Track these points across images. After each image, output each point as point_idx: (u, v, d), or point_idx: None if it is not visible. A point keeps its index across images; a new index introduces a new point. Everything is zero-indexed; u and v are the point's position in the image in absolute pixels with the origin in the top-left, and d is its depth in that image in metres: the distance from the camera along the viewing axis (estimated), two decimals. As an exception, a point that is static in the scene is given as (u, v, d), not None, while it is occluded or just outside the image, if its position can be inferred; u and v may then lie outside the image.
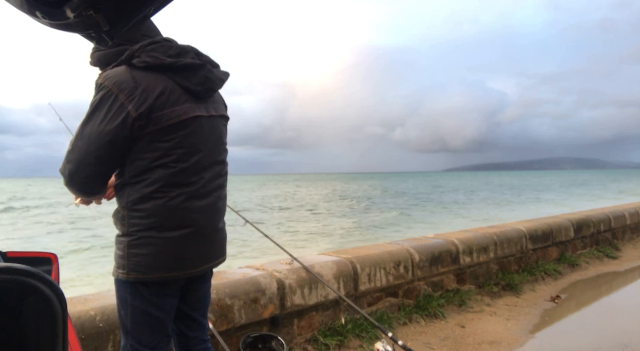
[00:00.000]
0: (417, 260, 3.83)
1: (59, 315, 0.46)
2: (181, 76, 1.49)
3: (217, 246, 1.63)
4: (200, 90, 1.52)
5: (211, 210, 1.57)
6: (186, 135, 1.48)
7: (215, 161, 1.59)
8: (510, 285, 4.47)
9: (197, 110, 1.52)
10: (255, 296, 2.74)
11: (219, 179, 1.62)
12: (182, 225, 1.48)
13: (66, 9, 0.70)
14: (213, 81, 1.57)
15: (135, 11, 0.77)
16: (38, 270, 0.45)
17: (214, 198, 1.59)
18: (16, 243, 14.18)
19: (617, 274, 5.44)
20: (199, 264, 1.56)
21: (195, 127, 1.51)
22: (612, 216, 6.77)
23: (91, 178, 1.47)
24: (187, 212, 1.49)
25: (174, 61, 1.47)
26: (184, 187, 1.48)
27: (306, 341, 3.02)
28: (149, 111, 1.41)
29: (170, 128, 1.45)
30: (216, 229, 1.61)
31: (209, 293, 1.78)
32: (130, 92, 1.39)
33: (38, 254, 1.58)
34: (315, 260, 3.31)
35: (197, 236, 1.52)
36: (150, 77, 1.44)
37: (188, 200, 1.49)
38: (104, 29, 0.78)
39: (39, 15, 0.71)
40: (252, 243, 12.31)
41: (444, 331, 3.44)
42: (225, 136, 1.68)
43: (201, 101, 1.55)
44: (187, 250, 1.51)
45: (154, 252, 1.45)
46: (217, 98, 1.67)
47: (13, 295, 0.44)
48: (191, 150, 1.49)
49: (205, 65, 1.55)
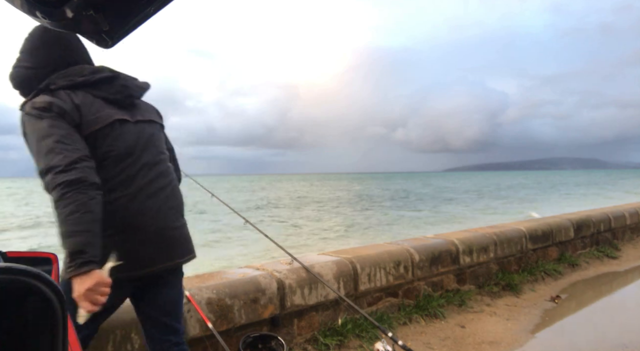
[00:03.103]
0: (417, 260, 3.83)
1: (59, 315, 0.46)
2: (98, 89, 1.58)
3: (168, 246, 1.62)
4: (120, 98, 1.60)
5: (154, 211, 1.58)
6: (115, 138, 1.55)
7: (150, 162, 1.63)
8: (510, 285, 4.46)
9: (120, 115, 1.59)
10: (255, 296, 2.74)
11: (159, 180, 1.64)
12: (121, 227, 1.51)
13: (66, 9, 0.69)
14: (131, 89, 1.65)
15: (136, 11, 0.76)
16: (38, 270, 0.45)
17: (156, 199, 1.60)
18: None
19: (617, 274, 5.43)
20: (143, 266, 1.55)
21: (122, 131, 1.57)
22: (612, 216, 6.77)
23: None
24: (125, 213, 1.52)
25: (88, 78, 1.56)
26: (119, 190, 1.52)
27: (306, 341, 3.02)
28: (80, 119, 1.49)
29: (99, 133, 1.52)
30: (165, 229, 1.61)
31: (178, 297, 1.78)
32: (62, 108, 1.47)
33: (38, 254, 1.58)
34: (315, 260, 3.31)
35: (136, 237, 1.53)
36: (70, 94, 1.52)
37: (126, 203, 1.52)
38: (104, 29, 0.78)
39: (39, 15, 0.71)
40: (252, 243, 12.32)
41: (444, 331, 3.44)
42: (159, 140, 1.73)
43: (125, 109, 1.62)
44: (127, 252, 1.49)
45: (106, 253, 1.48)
46: (145, 107, 1.75)
47: (13, 295, 0.44)
48: (120, 153, 1.55)
49: (120, 74, 1.64)
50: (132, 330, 2.18)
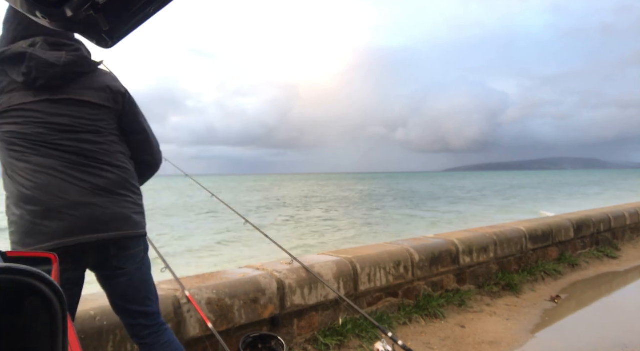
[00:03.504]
0: (417, 260, 3.83)
1: (59, 315, 0.46)
2: (10, 67, 1.56)
3: (82, 221, 1.58)
4: (25, 80, 1.55)
5: (57, 187, 1.57)
6: (16, 122, 1.56)
7: (57, 141, 1.60)
8: (510, 285, 4.46)
9: (23, 98, 1.57)
10: (255, 296, 2.74)
11: (74, 156, 1.61)
12: (28, 201, 1.55)
13: (66, 9, 0.70)
14: (38, 68, 1.55)
15: (136, 11, 0.76)
16: (38, 270, 0.45)
17: (67, 175, 1.59)
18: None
19: (617, 274, 5.43)
20: (50, 238, 1.54)
21: (25, 114, 1.57)
22: (612, 216, 6.77)
23: None
24: (30, 188, 1.55)
25: (3, 51, 1.56)
26: (23, 166, 1.56)
27: (306, 342, 3.02)
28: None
29: (2, 116, 1.57)
30: (78, 205, 1.58)
31: (138, 282, 1.74)
32: None
33: (38, 254, 1.58)
34: (315, 260, 3.31)
35: (43, 211, 1.54)
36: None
37: (29, 179, 1.55)
38: (104, 29, 0.78)
39: (39, 15, 0.71)
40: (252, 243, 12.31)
41: (444, 331, 3.44)
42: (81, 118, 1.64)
43: (37, 88, 1.57)
44: (37, 226, 1.54)
45: (14, 230, 1.56)
46: (80, 83, 1.65)
47: (13, 295, 0.44)
48: (19, 136, 1.57)
49: (28, 52, 1.54)
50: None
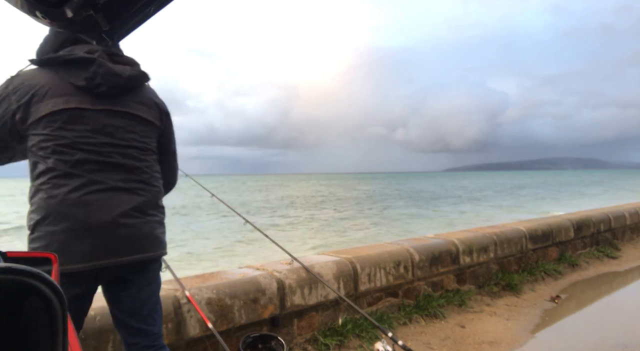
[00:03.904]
0: (417, 260, 3.82)
1: (59, 315, 0.46)
2: (70, 73, 1.51)
3: (116, 242, 1.52)
4: (86, 85, 1.51)
5: (98, 204, 1.50)
6: (62, 127, 1.48)
7: (106, 154, 1.54)
8: (510, 285, 4.46)
9: (79, 103, 1.51)
10: (255, 296, 2.74)
11: (114, 173, 1.55)
12: (63, 218, 1.45)
13: (66, 9, 0.70)
14: (103, 76, 1.52)
15: (136, 11, 0.76)
16: (38, 270, 0.45)
17: (105, 191, 1.52)
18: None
19: (617, 274, 5.43)
20: (85, 260, 1.47)
21: (74, 120, 1.50)
22: (612, 216, 6.77)
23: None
24: (68, 204, 1.46)
25: (64, 55, 1.51)
26: (64, 180, 1.47)
27: (306, 342, 3.02)
28: (29, 103, 1.47)
29: (47, 120, 1.47)
30: (111, 224, 1.51)
31: (147, 298, 1.69)
32: (17, 86, 1.48)
33: (38, 254, 1.57)
34: (315, 260, 3.31)
35: (80, 230, 1.46)
36: (38, 72, 1.51)
37: (69, 193, 1.47)
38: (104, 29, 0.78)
39: (39, 15, 0.71)
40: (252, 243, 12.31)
41: (444, 331, 3.44)
42: (132, 132, 1.62)
43: (95, 97, 1.54)
44: (69, 245, 1.45)
45: (44, 246, 1.45)
46: (132, 97, 1.64)
47: (13, 295, 0.44)
48: (69, 142, 1.49)
49: (97, 59, 1.51)
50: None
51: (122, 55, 1.66)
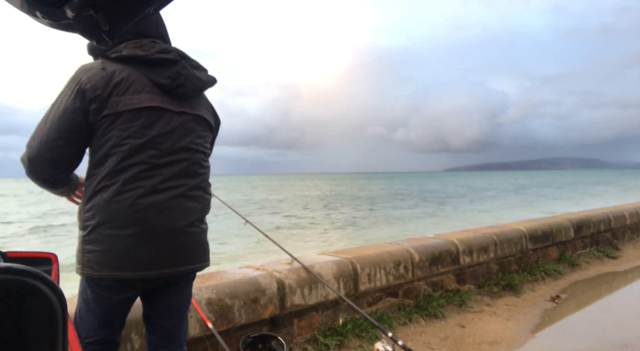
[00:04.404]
0: (417, 260, 3.83)
1: (59, 315, 0.46)
2: (150, 69, 1.46)
3: (180, 250, 1.50)
4: (168, 83, 1.46)
5: (170, 210, 1.45)
6: (143, 125, 1.42)
7: (183, 158, 1.51)
8: (510, 285, 4.46)
9: (161, 102, 1.46)
10: (255, 296, 2.74)
11: (185, 178, 1.51)
12: (130, 223, 1.39)
13: (66, 9, 0.70)
14: (186, 78, 1.50)
15: (135, 11, 0.77)
16: (38, 270, 0.45)
17: (177, 197, 1.47)
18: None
19: (617, 274, 5.43)
20: (150, 267, 1.44)
21: (155, 119, 1.45)
22: (612, 216, 6.77)
23: (52, 163, 1.42)
24: (138, 209, 1.40)
25: (147, 54, 1.45)
26: (136, 182, 1.41)
27: (306, 342, 3.02)
28: (108, 95, 1.39)
29: (126, 116, 1.40)
30: (178, 231, 1.48)
31: (184, 303, 1.69)
32: (93, 75, 1.40)
33: (38, 254, 1.57)
34: (315, 260, 3.31)
35: (147, 236, 1.41)
36: (119, 66, 1.44)
37: (141, 197, 1.40)
38: (104, 29, 0.78)
39: (39, 15, 0.71)
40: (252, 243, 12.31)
41: (444, 331, 3.44)
42: (200, 137, 1.59)
43: (173, 97, 1.50)
44: (135, 251, 1.41)
45: (103, 250, 1.39)
46: (199, 101, 1.62)
47: (13, 295, 0.44)
48: (147, 142, 1.43)
49: (180, 61, 1.50)
50: (132, 330, 2.18)
51: (192, 59, 1.61)
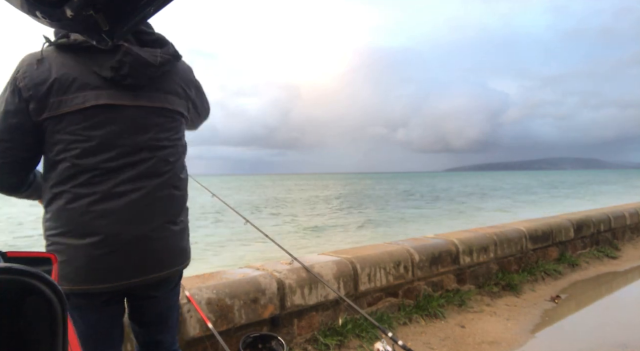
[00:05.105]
0: (417, 260, 3.83)
1: (59, 315, 0.46)
2: (94, 60, 1.28)
3: (147, 257, 1.37)
4: (113, 76, 1.28)
5: (131, 216, 1.33)
6: (91, 126, 1.27)
7: (141, 159, 1.35)
8: (510, 285, 4.46)
9: (110, 97, 1.29)
10: (255, 296, 2.74)
11: (146, 179, 1.36)
12: (89, 231, 1.28)
13: (66, 9, 0.70)
14: (132, 66, 1.28)
15: (135, 11, 0.77)
16: (38, 270, 0.45)
17: (137, 201, 1.34)
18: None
19: (617, 274, 5.43)
20: (115, 278, 1.33)
21: (104, 119, 1.29)
22: (612, 216, 6.77)
23: (4, 169, 1.32)
24: (95, 216, 1.28)
25: (83, 40, 1.25)
26: (90, 187, 1.29)
27: (306, 342, 3.02)
28: (45, 94, 1.25)
29: (70, 118, 1.26)
30: (142, 238, 1.35)
31: (168, 311, 1.58)
32: (28, 70, 1.25)
33: (38, 254, 1.57)
34: (315, 260, 3.31)
35: (107, 245, 1.29)
36: (61, 58, 1.28)
37: (95, 204, 1.28)
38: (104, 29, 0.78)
39: (39, 15, 0.71)
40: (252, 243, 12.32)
41: (444, 331, 3.44)
42: (165, 131, 1.41)
43: (124, 88, 1.31)
44: (96, 262, 1.29)
45: (63, 260, 1.27)
46: (162, 83, 1.41)
47: (13, 295, 0.44)
48: (97, 145, 1.29)
49: (123, 46, 1.27)
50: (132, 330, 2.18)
51: (151, 33, 1.40)
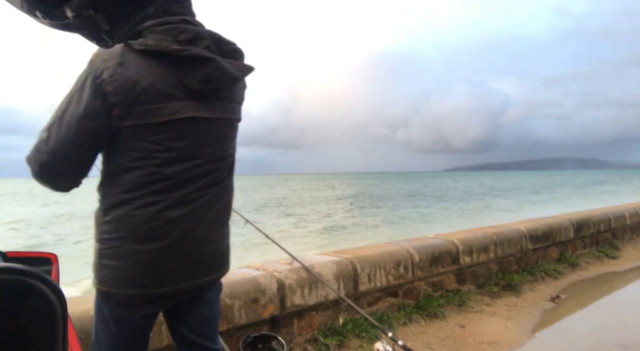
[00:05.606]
0: (417, 260, 3.83)
1: (59, 315, 0.46)
2: (181, 70, 1.26)
3: (203, 260, 1.40)
4: (201, 89, 1.28)
5: (195, 222, 1.34)
6: (175, 138, 1.28)
7: (211, 169, 1.37)
8: (510, 285, 4.46)
9: (195, 110, 1.30)
10: (255, 296, 2.74)
11: (212, 187, 1.39)
12: (154, 237, 1.29)
13: (66, 9, 0.70)
14: (219, 80, 1.30)
15: (135, 11, 0.77)
16: (38, 270, 0.45)
17: (201, 207, 1.36)
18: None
19: (617, 274, 5.43)
20: (173, 282, 1.34)
21: (187, 130, 1.29)
22: (612, 216, 6.77)
23: (65, 170, 1.28)
24: (164, 223, 1.29)
25: (179, 50, 1.24)
26: (163, 195, 1.28)
27: (306, 342, 3.02)
28: (133, 101, 1.21)
29: (157, 127, 1.25)
30: (201, 242, 1.38)
31: (214, 313, 1.58)
32: (113, 73, 1.20)
33: (38, 254, 1.57)
34: (315, 260, 3.31)
35: (171, 251, 1.31)
36: (144, 63, 1.23)
37: (165, 210, 1.29)
38: (104, 29, 0.78)
39: (39, 15, 0.72)
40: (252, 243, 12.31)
41: (444, 331, 3.44)
42: (231, 140, 1.45)
43: (205, 99, 1.32)
44: (158, 267, 1.30)
45: (123, 265, 1.28)
46: (231, 96, 1.41)
47: (13, 295, 0.44)
48: (180, 155, 1.29)
49: (215, 60, 1.28)
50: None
51: (230, 43, 1.37)
